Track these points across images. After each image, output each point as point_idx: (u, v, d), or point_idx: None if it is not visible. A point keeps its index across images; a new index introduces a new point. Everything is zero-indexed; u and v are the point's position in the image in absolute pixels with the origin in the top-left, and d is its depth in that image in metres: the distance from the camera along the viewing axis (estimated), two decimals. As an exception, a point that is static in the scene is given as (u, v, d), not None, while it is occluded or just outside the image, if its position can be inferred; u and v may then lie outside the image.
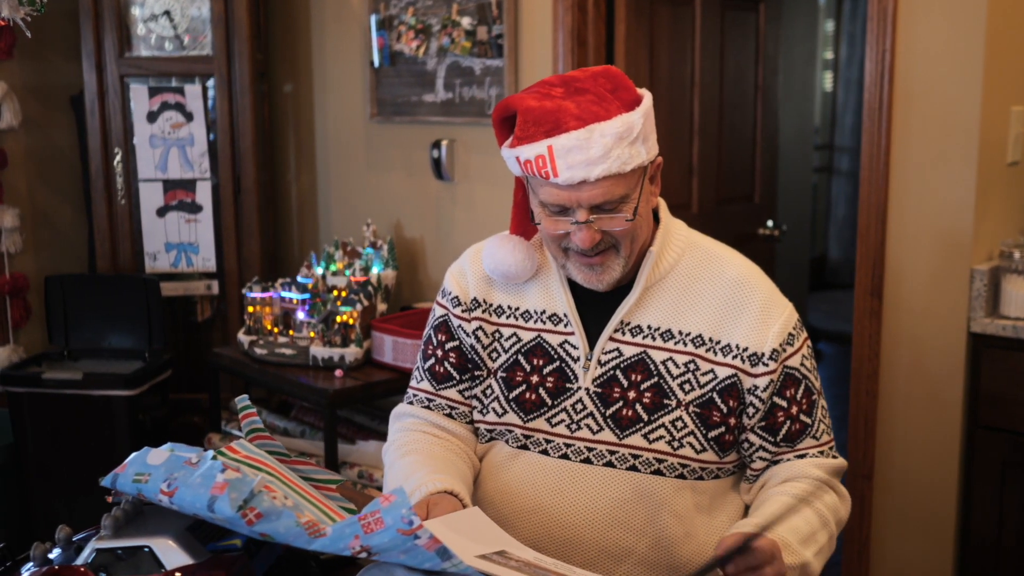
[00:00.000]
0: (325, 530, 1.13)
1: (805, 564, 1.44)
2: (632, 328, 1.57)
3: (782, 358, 1.54)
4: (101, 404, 3.38)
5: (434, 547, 1.11)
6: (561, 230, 1.51)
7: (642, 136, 1.47)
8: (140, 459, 1.22)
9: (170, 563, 1.20)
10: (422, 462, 1.58)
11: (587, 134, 1.43)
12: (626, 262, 1.54)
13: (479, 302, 1.67)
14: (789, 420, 1.56)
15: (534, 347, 1.62)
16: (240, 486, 1.13)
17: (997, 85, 2.50)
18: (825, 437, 1.60)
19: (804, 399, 1.57)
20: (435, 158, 3.53)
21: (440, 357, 1.69)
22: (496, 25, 3.27)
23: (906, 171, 2.57)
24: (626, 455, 1.56)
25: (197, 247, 3.84)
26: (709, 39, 3.48)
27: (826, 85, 7.97)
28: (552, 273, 1.63)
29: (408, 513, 1.10)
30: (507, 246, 1.62)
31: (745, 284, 1.57)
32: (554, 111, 1.45)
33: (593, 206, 1.47)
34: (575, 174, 1.44)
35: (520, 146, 1.48)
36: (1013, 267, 2.48)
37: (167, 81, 3.81)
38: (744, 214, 3.76)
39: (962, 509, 2.61)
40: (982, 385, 2.53)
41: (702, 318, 1.56)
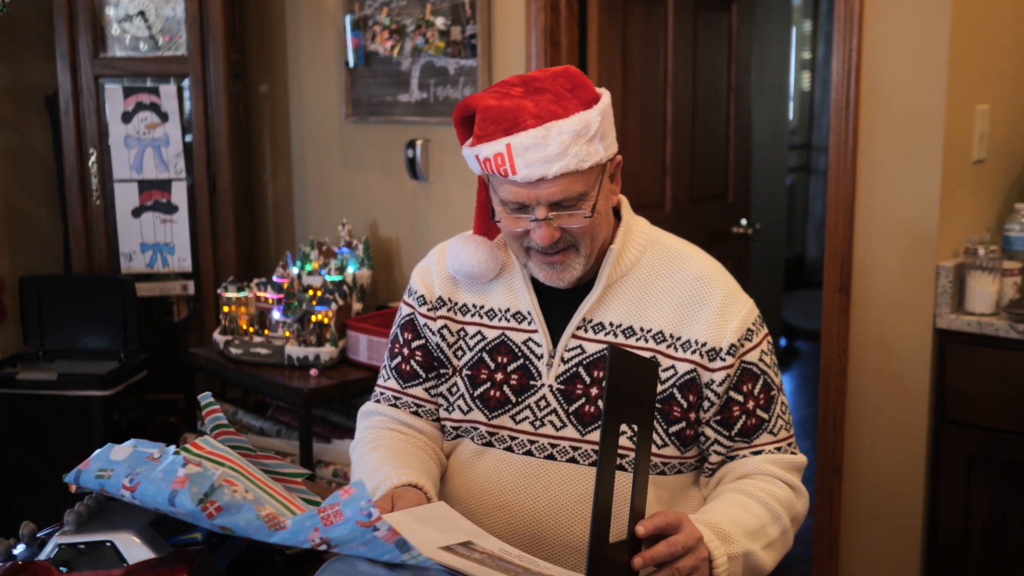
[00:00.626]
0: (285, 523, 1.14)
1: (748, 553, 1.44)
2: (594, 325, 1.59)
3: (740, 353, 1.56)
4: (76, 404, 3.38)
5: (393, 539, 1.13)
6: (521, 228, 1.52)
7: (600, 134, 1.49)
8: (104, 455, 1.23)
9: (132, 557, 1.21)
10: (388, 457, 1.59)
11: (545, 132, 1.45)
12: (586, 261, 1.55)
13: (444, 301, 1.69)
14: (745, 415, 1.57)
15: (498, 345, 1.64)
16: (201, 480, 1.14)
17: (962, 84, 2.53)
18: (783, 433, 1.60)
19: (762, 394, 1.58)
20: (410, 158, 3.54)
21: (407, 356, 1.71)
22: (470, 25, 3.29)
23: (873, 169, 2.60)
24: (588, 451, 1.58)
25: (173, 247, 3.84)
26: (682, 39, 3.50)
27: (804, 85, 8.03)
28: (516, 272, 1.65)
29: (367, 505, 1.11)
30: (470, 246, 1.63)
31: (706, 280, 1.59)
32: (512, 110, 1.47)
33: (552, 203, 1.48)
34: (533, 171, 1.45)
35: (479, 144, 1.50)
36: (978, 264, 2.51)
37: (142, 81, 3.81)
38: (718, 213, 3.79)
39: (929, 502, 2.64)
40: (948, 380, 2.56)
41: (663, 314, 1.57)
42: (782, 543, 1.53)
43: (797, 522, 1.57)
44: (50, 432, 3.39)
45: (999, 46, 2.70)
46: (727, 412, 1.57)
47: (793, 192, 7.82)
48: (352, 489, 1.13)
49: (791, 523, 1.55)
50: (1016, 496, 2.50)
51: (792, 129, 8.03)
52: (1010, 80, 2.78)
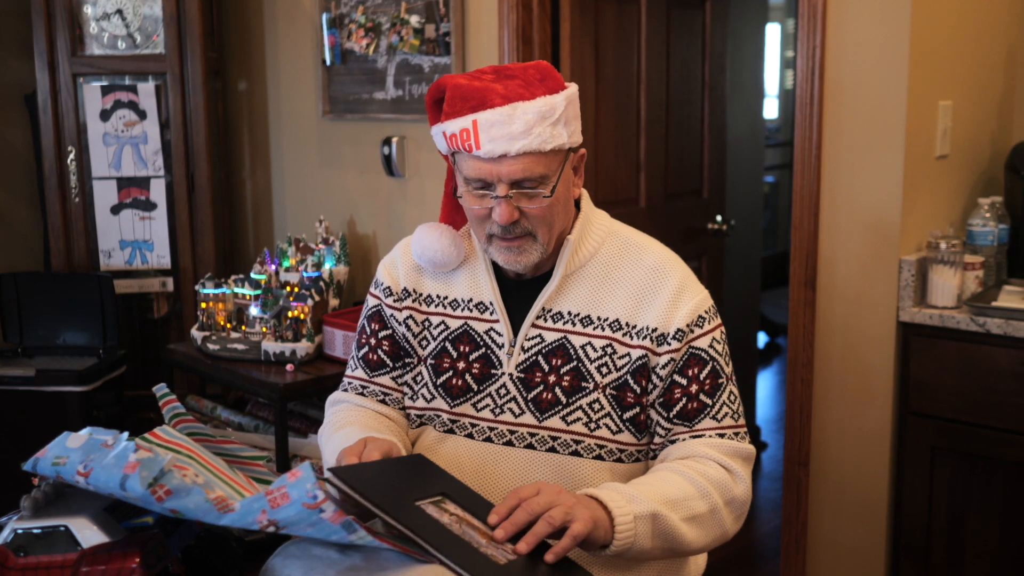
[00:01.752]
0: (233, 505, 1.17)
1: (658, 515, 1.44)
2: (553, 314, 1.63)
3: (688, 339, 1.59)
4: (54, 400, 3.40)
5: (339, 520, 1.16)
6: (483, 206, 1.56)
7: (564, 119, 1.55)
8: (60, 443, 1.25)
9: (87, 541, 1.24)
10: (358, 430, 1.63)
11: (510, 111, 1.51)
12: (544, 248, 1.59)
13: (409, 292, 1.73)
14: (686, 397, 1.60)
15: (461, 334, 1.68)
16: (151, 465, 1.17)
17: (924, 80, 2.57)
18: (728, 421, 1.62)
19: (708, 380, 1.61)
20: (386, 155, 3.57)
21: (373, 345, 1.76)
22: (444, 23, 3.32)
23: (837, 164, 2.63)
24: (545, 437, 1.61)
25: (152, 244, 3.86)
26: (655, 37, 3.53)
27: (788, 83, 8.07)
28: (479, 263, 1.69)
29: (313, 488, 1.14)
30: (434, 233, 1.68)
31: (661, 270, 1.63)
32: (481, 89, 1.54)
33: (513, 182, 1.53)
34: (496, 147, 1.51)
35: (447, 120, 1.56)
36: (940, 258, 2.55)
37: (120, 79, 3.83)
38: (693, 209, 3.82)
39: (894, 492, 2.68)
40: (911, 373, 2.60)
41: (619, 303, 1.62)
42: (712, 522, 1.54)
43: (735, 506, 1.57)
44: (28, 428, 3.41)
45: (961, 43, 2.73)
46: (669, 395, 1.60)
47: (777, 190, 7.85)
48: (299, 472, 1.16)
49: (725, 505, 1.55)
50: (977, 486, 2.54)
51: (776, 127, 8.07)
52: (973, 76, 2.82)
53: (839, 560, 2.77)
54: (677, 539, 1.49)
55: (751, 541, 3.68)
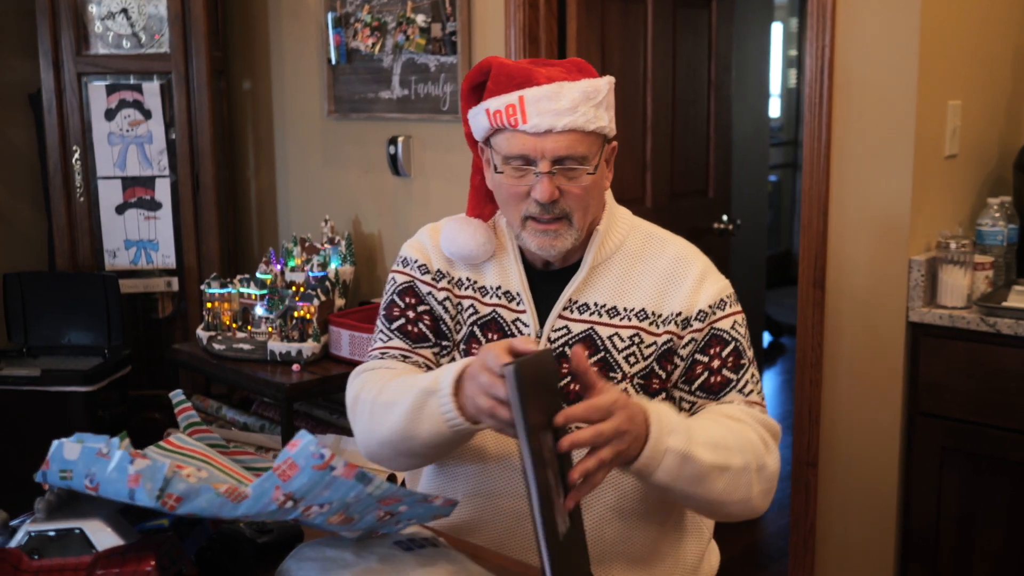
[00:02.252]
0: (246, 491, 1.15)
1: (690, 457, 1.40)
2: (580, 306, 1.63)
3: (710, 320, 1.60)
4: (60, 400, 3.39)
5: (351, 474, 1.13)
6: (523, 186, 1.56)
7: (605, 103, 1.57)
8: (58, 456, 1.21)
9: (101, 544, 1.22)
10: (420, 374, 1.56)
11: (557, 88, 1.53)
12: (578, 234, 1.59)
13: (444, 273, 1.70)
14: (708, 372, 1.59)
15: (489, 321, 1.67)
16: (152, 475, 1.14)
17: (933, 80, 2.56)
18: (755, 397, 1.60)
19: (731, 358, 1.60)
20: (392, 154, 3.56)
21: (412, 318, 1.69)
22: (450, 22, 3.31)
23: (846, 164, 2.62)
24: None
25: (157, 244, 3.85)
26: (661, 36, 3.53)
27: (791, 82, 8.07)
28: (508, 254, 1.68)
29: (317, 448, 1.11)
30: (468, 229, 1.67)
31: (684, 259, 1.65)
32: (527, 69, 1.56)
33: (555, 159, 1.53)
34: (543, 121, 1.52)
35: (491, 98, 1.56)
36: (950, 258, 2.54)
37: (125, 79, 3.83)
38: (698, 209, 3.81)
39: (903, 493, 2.67)
40: (920, 373, 2.59)
41: (645, 294, 1.62)
42: (741, 481, 1.48)
43: (764, 476, 1.52)
44: (33, 428, 3.40)
45: (970, 42, 2.73)
46: (690, 372, 1.60)
47: (780, 189, 7.85)
48: (298, 440, 1.13)
49: (756, 470, 1.50)
50: (986, 487, 2.53)
51: (779, 126, 8.06)
52: (982, 75, 2.81)
53: (847, 560, 2.76)
54: (706, 484, 1.44)
55: (757, 541, 3.68)
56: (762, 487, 1.51)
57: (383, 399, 1.55)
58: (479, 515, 1.63)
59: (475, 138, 1.66)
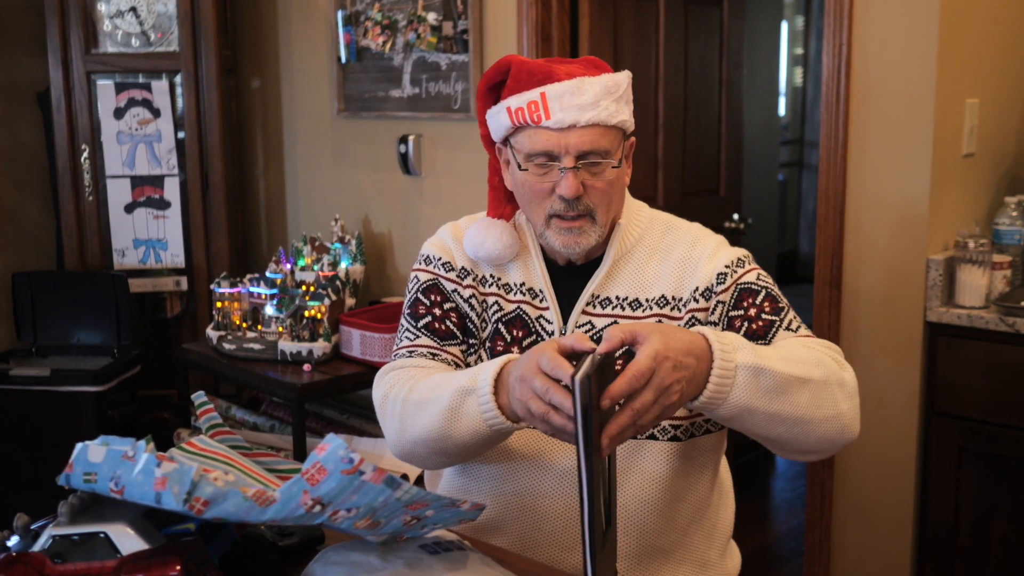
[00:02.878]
0: (274, 496, 1.13)
1: (766, 370, 1.35)
2: (602, 300, 1.63)
3: (733, 279, 1.58)
4: (69, 400, 3.38)
5: (380, 478, 1.12)
6: (547, 183, 1.56)
7: (625, 98, 1.57)
8: (83, 458, 1.20)
9: (126, 548, 1.21)
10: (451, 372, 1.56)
11: (578, 84, 1.53)
12: (601, 231, 1.59)
13: (468, 271, 1.70)
14: (747, 321, 1.55)
15: (514, 318, 1.66)
16: (180, 478, 1.12)
17: (951, 78, 2.54)
18: (804, 331, 1.55)
19: (766, 303, 1.56)
20: (402, 153, 3.55)
21: (439, 316, 1.68)
22: (461, 20, 3.29)
23: (863, 163, 2.61)
24: None
25: (166, 243, 3.84)
26: (673, 34, 3.51)
27: (797, 81, 8.04)
28: (529, 251, 1.68)
29: (346, 453, 1.10)
30: (494, 232, 1.66)
31: (698, 241, 1.64)
32: (546, 66, 1.56)
33: (579, 155, 1.53)
34: (567, 116, 1.51)
35: (511, 96, 1.56)
36: (968, 257, 2.52)
37: (134, 77, 3.81)
38: (709, 207, 3.80)
39: (920, 495, 2.66)
40: (938, 373, 2.57)
41: (665, 282, 1.62)
42: (826, 394, 1.41)
43: (847, 390, 1.45)
44: (43, 428, 3.39)
45: (988, 40, 2.71)
46: (730, 328, 1.57)
47: (786, 187, 7.83)
48: (326, 445, 1.12)
49: (838, 386, 1.43)
50: (1004, 488, 2.52)
51: (785, 125, 8.04)
52: (999, 74, 2.79)
53: (863, 561, 2.75)
54: (788, 397, 1.37)
55: (770, 541, 3.66)
56: (850, 403, 1.44)
57: (415, 397, 1.53)
58: (503, 514, 1.62)
59: (493, 139, 1.65)
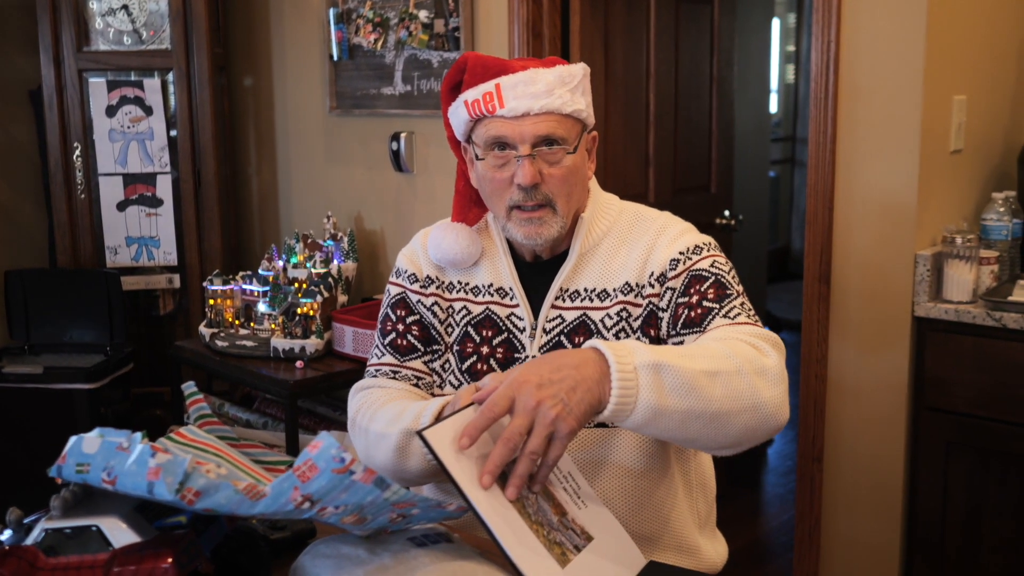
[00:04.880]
0: (264, 490, 1.15)
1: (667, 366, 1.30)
2: (571, 294, 1.65)
3: (684, 266, 1.57)
4: (62, 398, 3.38)
5: (370, 479, 1.13)
6: (505, 174, 1.58)
7: (581, 89, 1.59)
8: (76, 449, 1.21)
9: (118, 541, 1.22)
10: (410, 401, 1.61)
11: (532, 74, 1.56)
12: (563, 221, 1.61)
13: (432, 279, 1.74)
14: (688, 309, 1.55)
15: (483, 319, 1.69)
16: (173, 468, 1.13)
17: (939, 75, 2.56)
18: (743, 318, 1.51)
19: (710, 290, 1.54)
20: (394, 150, 3.55)
21: (402, 331, 1.74)
22: (453, 18, 3.30)
23: (852, 159, 2.62)
24: None
25: (158, 241, 3.85)
26: (664, 31, 3.52)
27: (789, 78, 8.07)
28: (497, 252, 1.71)
29: (338, 452, 1.12)
30: (451, 234, 1.69)
31: (664, 228, 1.65)
32: (502, 61, 1.61)
33: (535, 142, 1.56)
34: (520, 104, 1.55)
35: (468, 90, 1.59)
36: (955, 252, 2.54)
37: (126, 75, 3.82)
38: (701, 204, 3.81)
39: (909, 488, 2.68)
40: (926, 368, 2.59)
41: (630, 269, 1.63)
42: (741, 383, 1.35)
43: (769, 377, 1.38)
44: (36, 425, 3.40)
45: (976, 37, 2.73)
46: (675, 316, 1.57)
47: (778, 184, 7.86)
48: (319, 442, 1.13)
49: (756, 375, 1.37)
50: (992, 482, 2.53)
51: (777, 122, 8.07)
52: (987, 70, 2.81)
53: (853, 555, 2.77)
54: (698, 392, 1.31)
55: (760, 536, 3.68)
56: (772, 391, 1.37)
57: (375, 428, 1.59)
58: None
59: (457, 138, 1.68)
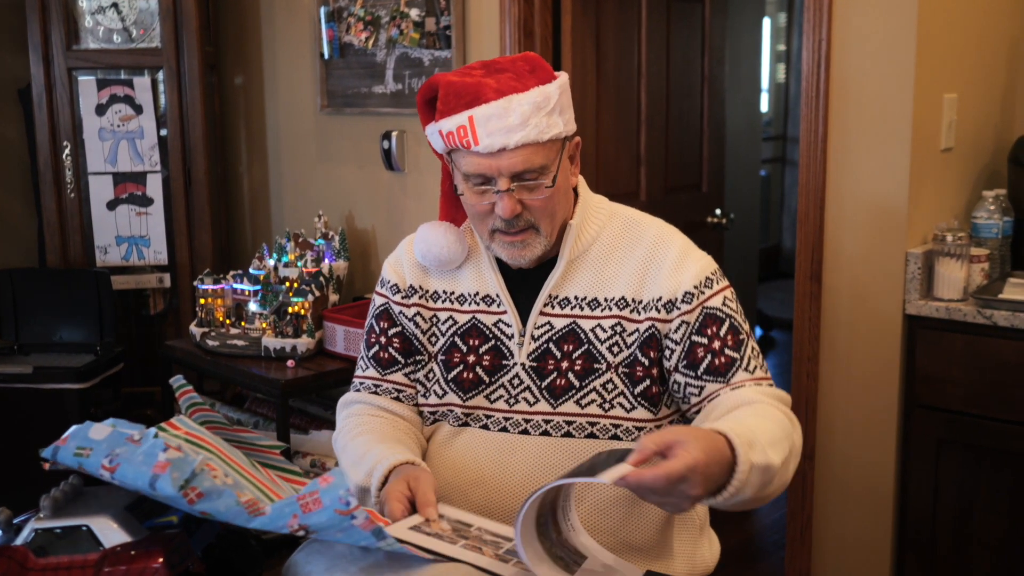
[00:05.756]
0: (265, 509, 1.16)
1: (769, 467, 1.32)
2: (560, 300, 1.64)
3: (699, 300, 1.58)
4: (52, 398, 3.37)
5: (369, 528, 1.14)
6: (485, 202, 1.56)
7: (559, 108, 1.55)
8: (82, 433, 1.23)
9: (109, 541, 1.22)
10: (375, 440, 1.63)
11: (506, 103, 1.51)
12: (547, 240, 1.60)
13: (416, 288, 1.73)
14: (711, 354, 1.56)
15: (469, 328, 1.68)
16: (182, 465, 1.15)
17: (929, 73, 2.56)
18: (760, 372, 1.56)
19: (729, 336, 1.57)
20: (385, 149, 3.55)
21: (384, 344, 1.75)
22: (444, 16, 3.30)
23: (843, 158, 2.63)
24: (560, 422, 1.61)
25: (148, 240, 3.83)
26: (655, 30, 3.52)
27: (779, 77, 8.08)
28: (482, 257, 1.69)
29: (346, 494, 1.13)
30: (437, 232, 1.68)
31: (661, 242, 1.64)
32: (474, 85, 1.53)
33: (513, 175, 1.53)
34: (494, 141, 1.50)
35: (442, 119, 1.55)
36: (946, 250, 2.55)
37: (116, 74, 3.80)
38: (692, 203, 3.81)
39: (900, 486, 2.68)
40: (917, 365, 2.59)
41: (624, 281, 1.62)
42: (790, 467, 1.43)
43: (796, 452, 1.46)
44: (26, 425, 3.38)
45: (966, 35, 2.73)
46: (692, 355, 1.58)
47: (769, 183, 7.87)
48: (331, 477, 1.14)
49: (795, 456, 1.45)
50: (983, 479, 2.54)
51: (767, 121, 8.08)
52: (977, 69, 2.81)
53: (844, 553, 2.77)
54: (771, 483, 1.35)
55: (751, 534, 3.68)
56: (795, 464, 1.46)
57: (344, 461, 1.64)
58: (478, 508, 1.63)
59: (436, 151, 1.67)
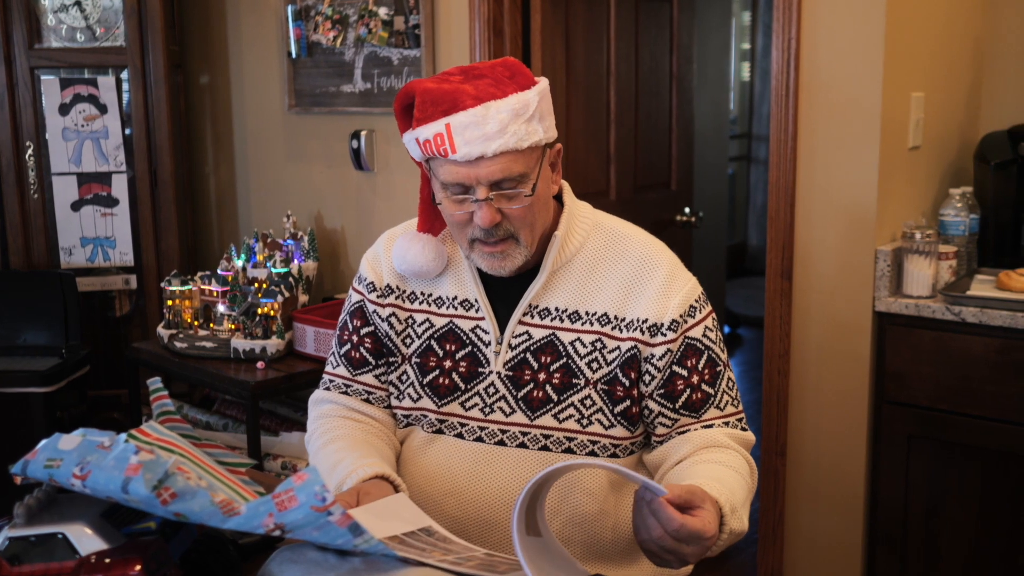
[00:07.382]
0: (239, 508, 1.14)
1: (741, 532, 1.39)
2: (540, 311, 1.60)
3: (683, 329, 1.57)
4: (17, 401, 3.32)
5: (346, 523, 1.13)
6: (463, 211, 1.53)
7: (538, 115, 1.51)
8: (51, 445, 1.21)
9: (85, 549, 1.20)
10: (347, 447, 1.60)
11: (484, 111, 1.46)
12: (527, 250, 1.56)
13: (393, 288, 1.69)
14: (690, 388, 1.58)
15: (446, 332, 1.65)
16: (154, 467, 1.13)
17: (898, 72, 2.59)
18: (730, 408, 1.60)
19: (707, 369, 1.59)
20: (354, 148, 3.53)
21: (356, 343, 1.72)
22: (413, 15, 3.29)
23: (813, 156, 2.64)
24: (538, 435, 1.59)
25: (114, 241, 3.79)
26: (624, 29, 3.53)
27: (744, 75, 8.13)
28: (462, 262, 1.66)
29: (321, 490, 1.11)
30: (416, 246, 1.64)
31: (648, 261, 1.60)
32: (452, 92, 1.49)
33: (492, 183, 1.49)
34: (472, 149, 1.46)
35: (419, 127, 1.51)
36: (915, 248, 2.57)
37: (79, 73, 3.75)
38: (661, 201, 3.83)
39: (871, 481, 2.71)
40: (887, 362, 2.62)
41: (607, 297, 1.59)
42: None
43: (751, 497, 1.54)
44: (-10, 430, 3.33)
45: (934, 35, 2.76)
46: (671, 386, 1.58)
47: (734, 181, 7.92)
48: (305, 475, 1.13)
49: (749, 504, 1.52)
50: (953, 474, 2.57)
51: (732, 119, 8.13)
52: (944, 68, 2.85)
53: (816, 549, 2.79)
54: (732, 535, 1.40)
55: (723, 531, 3.69)
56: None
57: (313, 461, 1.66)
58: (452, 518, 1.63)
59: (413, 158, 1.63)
